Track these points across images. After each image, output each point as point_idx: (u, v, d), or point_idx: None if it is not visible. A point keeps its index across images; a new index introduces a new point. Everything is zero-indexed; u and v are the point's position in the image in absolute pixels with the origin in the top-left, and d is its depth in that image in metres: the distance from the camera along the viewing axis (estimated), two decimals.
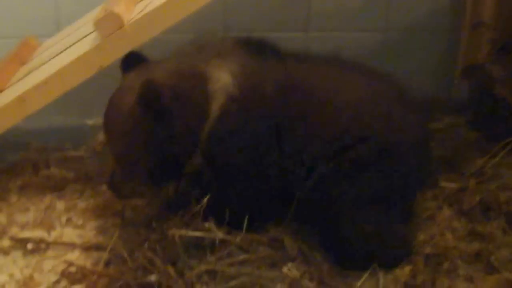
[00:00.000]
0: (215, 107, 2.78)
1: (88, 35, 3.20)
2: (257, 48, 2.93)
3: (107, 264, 2.94)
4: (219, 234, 2.85)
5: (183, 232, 2.86)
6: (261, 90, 2.80)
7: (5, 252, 3.07)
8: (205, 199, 2.85)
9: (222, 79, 2.79)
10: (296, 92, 2.82)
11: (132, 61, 3.02)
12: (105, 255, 2.97)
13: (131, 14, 3.04)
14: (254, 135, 2.79)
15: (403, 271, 2.77)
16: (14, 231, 3.19)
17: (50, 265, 2.98)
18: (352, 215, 2.76)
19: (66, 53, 3.26)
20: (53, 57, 3.32)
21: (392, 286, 2.71)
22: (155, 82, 2.73)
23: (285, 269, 2.77)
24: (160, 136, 2.81)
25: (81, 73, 3.07)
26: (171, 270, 2.75)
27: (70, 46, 3.28)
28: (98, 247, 3.05)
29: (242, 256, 2.84)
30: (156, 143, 2.83)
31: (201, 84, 2.81)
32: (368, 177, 2.75)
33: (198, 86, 2.81)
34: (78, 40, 3.25)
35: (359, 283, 2.72)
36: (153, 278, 2.78)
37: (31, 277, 2.91)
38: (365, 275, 2.75)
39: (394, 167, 2.78)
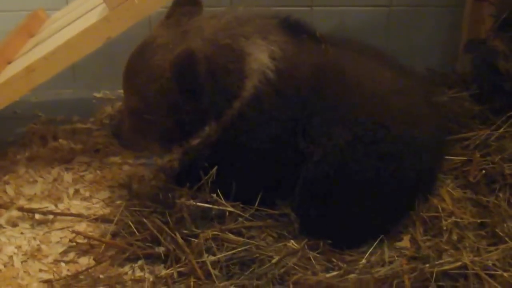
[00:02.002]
0: (249, 87, 2.69)
1: (96, 7, 3.17)
2: (295, 29, 2.83)
3: (114, 235, 2.89)
4: (228, 207, 2.77)
5: (191, 202, 2.78)
6: (297, 76, 2.72)
7: (13, 223, 3.03)
8: (213, 170, 2.76)
9: (261, 59, 2.70)
10: (330, 78, 2.75)
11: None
12: (112, 227, 2.92)
13: None
14: (284, 122, 2.72)
15: (406, 243, 2.73)
16: (22, 203, 3.15)
17: (57, 237, 2.94)
18: (358, 202, 2.71)
19: (74, 24, 3.22)
20: (62, 29, 3.29)
21: (398, 258, 2.64)
22: (194, 54, 2.61)
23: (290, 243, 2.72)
24: (185, 108, 2.72)
25: (89, 44, 3.04)
26: (178, 239, 2.68)
27: (78, 18, 3.25)
28: (105, 219, 3.00)
29: (248, 223, 2.78)
30: (178, 113, 2.74)
31: (239, 61, 2.71)
32: (382, 165, 2.67)
33: (235, 62, 2.70)
34: (86, 12, 3.22)
35: (364, 257, 2.66)
36: (160, 249, 2.73)
37: (38, 249, 2.87)
38: (371, 249, 2.69)
39: (408, 162, 2.71)
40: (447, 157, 3.15)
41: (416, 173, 2.72)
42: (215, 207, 2.77)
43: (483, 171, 3.06)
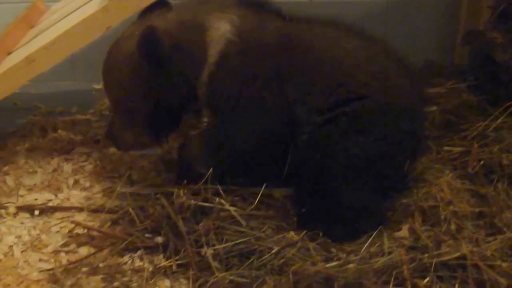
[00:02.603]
0: (213, 53, 2.77)
1: None
2: (257, 6, 2.90)
3: (114, 225, 2.87)
4: (227, 206, 2.76)
5: (191, 202, 2.75)
6: (260, 37, 2.80)
7: (13, 214, 3.01)
8: (209, 172, 2.76)
9: (222, 28, 2.78)
10: (296, 43, 2.79)
11: (153, 7, 2.97)
12: (111, 217, 2.92)
13: None
14: (255, 76, 2.76)
15: (405, 233, 2.71)
16: (22, 193, 3.14)
17: (57, 227, 2.93)
18: (342, 181, 2.71)
19: (74, 14, 3.20)
20: (61, 19, 3.27)
21: (396, 248, 2.62)
22: (156, 29, 2.71)
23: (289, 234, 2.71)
24: (158, 83, 2.79)
25: (88, 34, 3.03)
26: (181, 227, 2.67)
27: (78, 8, 3.23)
28: (104, 209, 2.98)
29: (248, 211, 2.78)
30: (154, 90, 2.81)
31: (200, 33, 2.79)
32: (361, 138, 2.67)
33: (197, 35, 2.79)
34: (86, 3, 3.19)
35: (364, 247, 2.64)
36: (159, 239, 2.71)
37: (38, 239, 2.86)
38: (370, 239, 2.66)
39: (387, 130, 2.70)
40: (446, 148, 3.18)
41: (398, 140, 2.71)
42: (217, 206, 2.75)
43: (481, 162, 3.04)
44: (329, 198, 2.73)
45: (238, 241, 2.64)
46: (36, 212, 3.01)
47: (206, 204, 2.75)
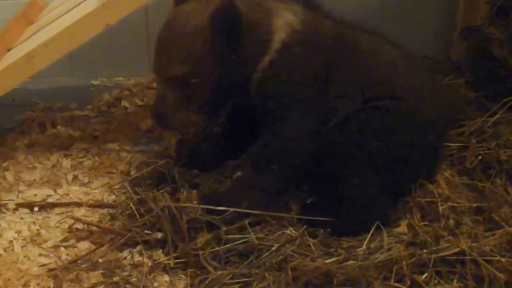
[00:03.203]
0: (277, 40, 2.74)
1: None
2: (310, 5, 2.90)
3: (113, 220, 2.88)
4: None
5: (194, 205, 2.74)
6: (319, 31, 2.81)
7: (13, 209, 3.01)
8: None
9: (287, 16, 2.76)
10: (346, 42, 2.84)
11: None
12: (111, 212, 2.93)
13: None
14: (310, 70, 2.76)
15: (404, 229, 2.72)
16: (22, 188, 3.15)
17: (57, 222, 2.92)
18: (355, 173, 2.72)
19: (73, 11, 3.20)
20: (61, 16, 3.27)
21: (396, 244, 2.62)
22: (234, 5, 2.63)
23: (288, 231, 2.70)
24: (228, 60, 2.71)
25: (88, 30, 3.01)
26: (183, 227, 2.65)
27: (77, 5, 3.22)
28: (103, 205, 3.00)
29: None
30: (222, 67, 2.71)
31: (267, 17, 2.76)
32: (386, 136, 2.69)
33: (265, 18, 2.75)
34: (85, 0, 3.18)
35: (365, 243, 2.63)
36: (158, 235, 2.72)
37: (38, 234, 2.86)
38: (369, 235, 2.66)
39: (412, 136, 2.74)
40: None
41: (419, 149, 2.76)
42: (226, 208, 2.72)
43: (479, 157, 3.05)
44: (339, 189, 2.75)
45: (238, 242, 2.63)
46: (36, 208, 3.01)
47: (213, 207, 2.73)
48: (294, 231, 2.69)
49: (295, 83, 2.75)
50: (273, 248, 2.57)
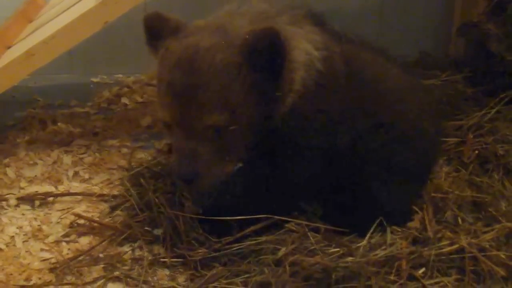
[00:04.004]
0: (299, 78, 2.47)
1: None
2: (318, 21, 2.65)
3: (114, 217, 2.89)
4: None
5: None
6: (335, 67, 2.57)
7: (14, 205, 3.02)
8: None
9: (306, 47, 2.49)
10: (354, 70, 2.62)
11: (160, 23, 2.51)
12: (111, 206, 2.95)
13: None
14: (328, 115, 2.57)
15: (417, 224, 2.73)
16: (23, 185, 3.15)
17: (57, 218, 2.93)
18: (379, 182, 2.69)
19: (72, 9, 3.20)
20: (60, 14, 3.27)
21: (399, 240, 2.63)
22: (280, 32, 2.30)
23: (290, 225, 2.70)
24: (272, 98, 2.42)
25: (87, 28, 3.01)
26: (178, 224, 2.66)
27: (77, 3, 3.23)
28: (104, 200, 3.01)
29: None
30: (266, 106, 2.43)
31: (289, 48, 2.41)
32: (399, 153, 2.67)
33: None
34: None
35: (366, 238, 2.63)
36: (158, 231, 2.73)
37: (39, 229, 2.86)
38: (369, 232, 2.65)
39: (418, 150, 2.72)
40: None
41: (425, 163, 2.78)
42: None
43: (477, 152, 3.07)
44: (366, 201, 2.71)
45: (239, 246, 2.62)
46: (37, 203, 3.01)
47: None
48: (295, 226, 2.69)
49: (313, 133, 2.55)
50: (280, 252, 2.55)
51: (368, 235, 2.62)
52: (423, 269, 2.48)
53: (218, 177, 2.47)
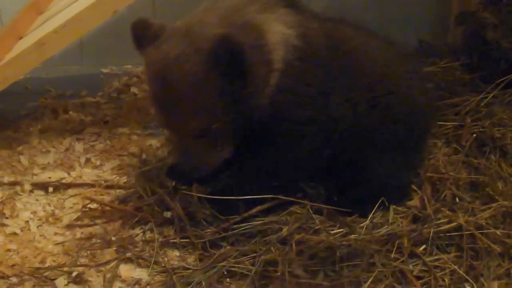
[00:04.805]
0: (278, 58, 2.54)
1: None
2: (293, 5, 2.70)
3: (125, 201, 2.91)
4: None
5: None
6: (314, 41, 2.64)
7: (28, 191, 3.05)
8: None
9: (280, 29, 2.56)
10: (339, 46, 2.69)
11: (144, 31, 2.56)
12: (123, 193, 2.96)
13: None
14: (316, 86, 2.62)
15: (416, 202, 2.81)
16: (36, 171, 3.18)
17: (70, 203, 2.96)
18: (376, 160, 2.73)
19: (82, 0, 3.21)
20: (70, 4, 3.29)
21: (400, 219, 2.69)
22: (231, 37, 2.37)
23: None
24: (242, 94, 2.47)
25: (96, 17, 3.05)
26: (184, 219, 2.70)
27: None
28: (116, 186, 3.03)
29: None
30: (240, 102, 2.49)
31: (261, 35, 2.53)
32: (394, 123, 2.71)
33: (259, 38, 2.52)
34: None
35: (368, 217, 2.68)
36: (168, 214, 2.76)
37: (53, 214, 2.90)
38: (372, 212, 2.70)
39: (413, 120, 2.77)
40: (440, 122, 3.23)
41: (418, 133, 2.82)
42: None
43: (474, 135, 3.11)
44: (365, 177, 2.76)
45: (245, 227, 2.66)
46: (50, 189, 3.04)
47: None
48: (299, 209, 2.73)
49: (303, 106, 2.61)
50: (284, 231, 2.58)
51: (370, 215, 2.66)
52: (423, 246, 2.53)
53: (214, 166, 2.67)
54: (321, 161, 2.73)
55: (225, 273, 2.51)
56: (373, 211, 2.68)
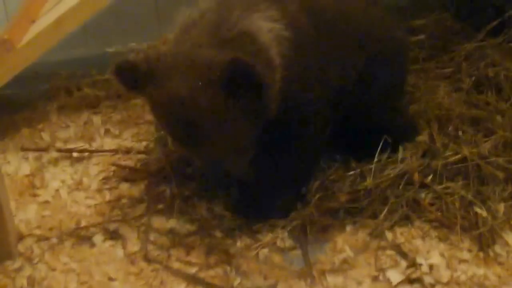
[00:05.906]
0: (275, 55, 2.47)
1: None
2: None
3: (147, 164, 3.05)
4: None
5: None
6: (300, 25, 2.61)
7: (54, 163, 3.17)
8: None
9: (267, 26, 2.48)
10: (320, 17, 2.69)
11: (131, 73, 2.40)
12: (143, 157, 3.11)
13: None
14: (314, 66, 2.63)
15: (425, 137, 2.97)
16: (59, 145, 3.28)
17: (96, 170, 3.09)
18: (380, 105, 2.86)
19: None
20: None
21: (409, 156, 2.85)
22: (242, 59, 2.27)
23: None
24: (260, 107, 2.42)
25: None
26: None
27: None
28: (136, 151, 3.15)
29: None
30: (259, 115, 2.45)
31: (254, 40, 2.44)
32: (392, 67, 2.86)
33: (253, 43, 2.44)
34: None
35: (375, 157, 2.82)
36: (189, 170, 2.92)
37: (80, 181, 3.03)
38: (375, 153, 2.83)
39: (404, 61, 3.00)
40: (437, 69, 3.44)
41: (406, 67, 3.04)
42: None
43: (473, 78, 3.26)
44: (372, 123, 2.89)
45: None
46: (75, 160, 3.17)
47: None
48: None
49: (311, 86, 2.62)
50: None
51: (386, 155, 2.84)
52: (430, 176, 2.72)
53: (242, 166, 2.63)
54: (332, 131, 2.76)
55: None
56: (386, 151, 2.84)
